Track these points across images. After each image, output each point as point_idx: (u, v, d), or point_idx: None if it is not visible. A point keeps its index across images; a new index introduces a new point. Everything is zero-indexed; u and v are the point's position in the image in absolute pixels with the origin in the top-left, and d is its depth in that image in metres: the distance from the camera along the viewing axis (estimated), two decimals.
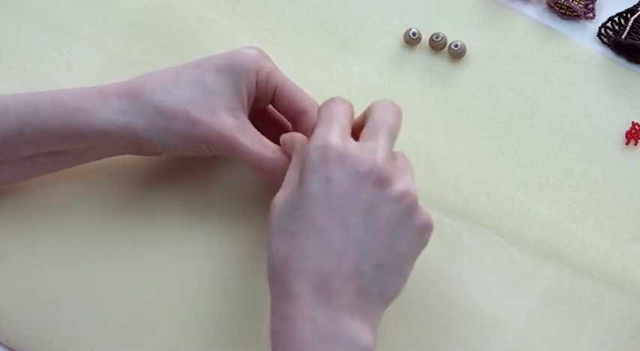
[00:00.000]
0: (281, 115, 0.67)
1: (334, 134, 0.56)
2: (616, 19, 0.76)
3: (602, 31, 0.77)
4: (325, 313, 0.53)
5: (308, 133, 0.62)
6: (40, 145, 0.61)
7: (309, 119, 0.64)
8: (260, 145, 0.62)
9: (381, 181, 0.55)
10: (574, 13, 0.77)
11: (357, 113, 0.71)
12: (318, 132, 0.57)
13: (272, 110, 0.67)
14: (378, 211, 0.55)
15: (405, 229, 0.55)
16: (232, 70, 0.62)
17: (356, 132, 0.59)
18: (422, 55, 0.75)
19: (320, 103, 0.64)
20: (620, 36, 0.75)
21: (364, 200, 0.54)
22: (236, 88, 0.62)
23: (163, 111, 0.61)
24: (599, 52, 0.76)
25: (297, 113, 0.64)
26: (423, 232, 0.57)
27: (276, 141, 0.64)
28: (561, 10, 0.77)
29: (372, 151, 0.56)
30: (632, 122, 0.73)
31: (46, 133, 0.60)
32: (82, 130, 0.60)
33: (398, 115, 0.59)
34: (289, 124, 0.66)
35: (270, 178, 0.62)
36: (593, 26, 0.77)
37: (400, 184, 0.55)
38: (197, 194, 0.67)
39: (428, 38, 0.75)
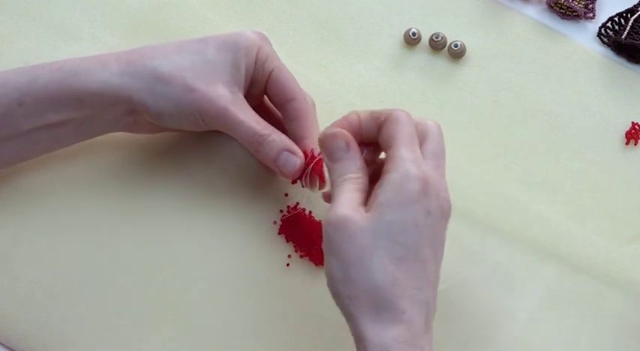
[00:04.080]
0: (275, 109, 0.68)
1: (421, 162, 0.56)
2: (616, 19, 0.76)
3: (602, 31, 0.77)
4: (428, 341, 0.55)
5: (294, 121, 0.64)
6: (40, 116, 0.61)
7: (296, 107, 0.64)
8: (252, 122, 0.63)
9: (448, 218, 0.57)
10: (574, 13, 0.77)
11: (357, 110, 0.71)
12: (407, 155, 0.56)
13: (268, 104, 0.68)
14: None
15: None
16: (234, 46, 0.63)
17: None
18: (422, 54, 0.75)
19: (315, 100, 0.66)
20: (620, 36, 0.75)
21: (444, 236, 0.57)
22: (236, 64, 0.63)
23: (161, 75, 0.61)
24: (599, 52, 0.76)
25: (287, 100, 0.65)
26: None
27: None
28: (561, 10, 0.77)
29: (445, 189, 0.57)
30: (632, 122, 0.73)
31: (46, 101, 0.61)
32: (80, 93, 0.61)
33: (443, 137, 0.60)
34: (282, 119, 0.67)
35: (260, 156, 0.64)
36: (593, 26, 0.77)
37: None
38: (197, 195, 0.67)
39: (428, 38, 0.75)
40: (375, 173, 0.58)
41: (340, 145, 0.58)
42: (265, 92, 0.66)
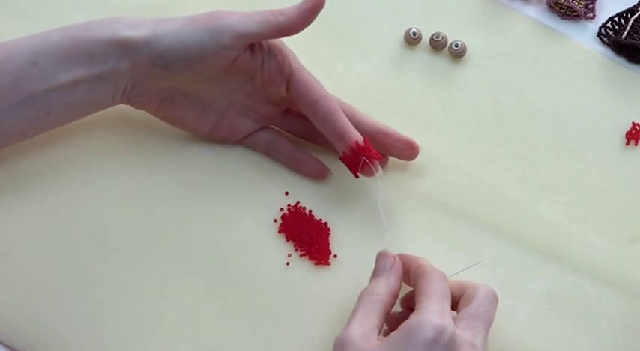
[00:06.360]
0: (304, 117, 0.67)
1: (447, 317, 0.55)
2: (616, 19, 0.77)
3: (602, 31, 0.77)
4: None
5: (328, 118, 0.63)
6: (53, 76, 0.61)
7: (326, 105, 0.64)
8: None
9: None
10: (574, 13, 0.77)
11: (356, 106, 0.71)
12: (432, 307, 0.55)
13: (296, 113, 0.68)
14: None
15: None
16: None
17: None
18: (422, 54, 0.75)
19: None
20: (620, 36, 0.75)
21: None
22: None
23: (189, 16, 0.63)
24: (599, 52, 0.76)
25: (315, 100, 0.64)
26: None
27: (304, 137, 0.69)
28: (561, 10, 0.77)
29: (472, 345, 0.55)
30: (632, 122, 0.73)
31: (58, 58, 0.61)
32: (91, 45, 0.61)
33: (496, 306, 0.59)
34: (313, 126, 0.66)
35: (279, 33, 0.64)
36: (593, 26, 0.77)
37: None
38: (197, 193, 0.67)
39: (428, 38, 0.75)
40: None
41: (386, 264, 0.60)
42: (289, 94, 0.66)
